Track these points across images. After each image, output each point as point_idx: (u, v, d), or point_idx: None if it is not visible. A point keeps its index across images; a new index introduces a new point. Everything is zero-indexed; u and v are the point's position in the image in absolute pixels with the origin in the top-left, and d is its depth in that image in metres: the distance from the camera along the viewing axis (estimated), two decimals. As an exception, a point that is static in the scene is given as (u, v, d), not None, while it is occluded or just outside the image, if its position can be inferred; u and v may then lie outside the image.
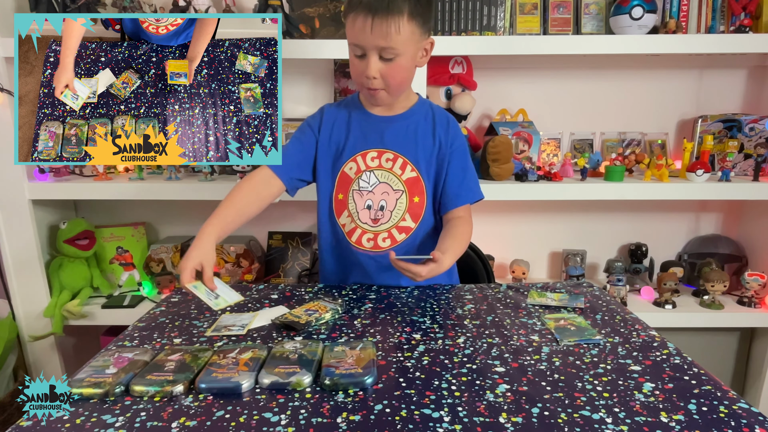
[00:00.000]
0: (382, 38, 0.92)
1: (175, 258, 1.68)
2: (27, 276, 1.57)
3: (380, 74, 0.96)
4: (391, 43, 0.92)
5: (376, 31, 0.91)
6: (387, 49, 0.93)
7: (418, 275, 0.91)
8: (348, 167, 1.07)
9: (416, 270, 0.91)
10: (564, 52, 1.48)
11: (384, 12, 0.90)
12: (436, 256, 0.91)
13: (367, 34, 0.92)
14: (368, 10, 0.90)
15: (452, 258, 0.98)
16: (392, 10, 0.90)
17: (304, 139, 1.11)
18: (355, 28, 0.93)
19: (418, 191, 1.07)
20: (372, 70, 0.95)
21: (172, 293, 1.04)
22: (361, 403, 0.61)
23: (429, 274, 0.91)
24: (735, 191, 1.52)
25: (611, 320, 0.88)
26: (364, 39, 0.93)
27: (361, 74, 0.97)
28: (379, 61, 0.95)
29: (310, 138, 1.10)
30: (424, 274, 0.91)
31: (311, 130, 1.11)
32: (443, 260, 0.92)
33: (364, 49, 0.94)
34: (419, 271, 0.91)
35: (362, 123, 1.08)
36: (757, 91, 1.75)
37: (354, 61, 0.98)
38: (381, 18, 0.90)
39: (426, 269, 0.91)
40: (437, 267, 0.92)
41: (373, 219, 1.06)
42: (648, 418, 0.58)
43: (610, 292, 1.61)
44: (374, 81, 0.96)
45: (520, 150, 1.69)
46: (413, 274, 0.91)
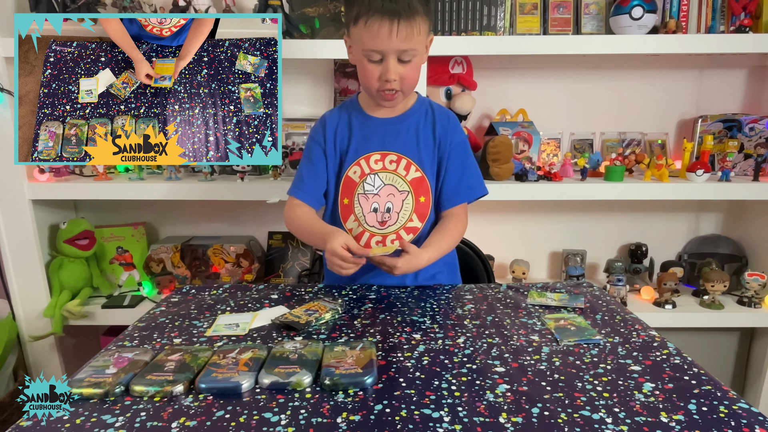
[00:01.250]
0: (405, 41, 0.91)
1: (175, 258, 1.68)
2: (27, 276, 1.57)
3: (399, 76, 0.95)
4: (412, 45, 0.92)
5: (401, 36, 0.90)
6: (408, 51, 0.93)
7: (394, 268, 0.93)
8: (352, 171, 1.07)
9: (392, 263, 0.93)
10: (564, 52, 1.48)
11: (407, 15, 0.89)
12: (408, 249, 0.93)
13: (392, 39, 0.90)
14: (391, 15, 0.89)
15: (434, 253, 1.00)
16: (414, 13, 0.90)
17: (312, 156, 1.09)
18: (375, 34, 0.91)
19: (423, 191, 1.07)
20: (393, 73, 0.94)
21: (172, 293, 1.04)
22: (361, 403, 0.61)
23: (405, 265, 0.94)
24: (735, 191, 1.52)
25: (611, 320, 0.88)
26: (385, 44, 0.91)
27: (377, 78, 0.96)
28: (398, 64, 0.95)
29: (318, 152, 1.09)
30: (399, 265, 0.93)
31: (316, 143, 1.09)
32: (420, 254, 0.95)
33: (383, 53, 0.93)
34: (395, 263, 0.93)
35: (363, 126, 1.08)
36: (757, 91, 1.75)
37: (368, 66, 0.96)
38: (405, 21, 0.89)
39: (401, 261, 0.93)
40: (412, 259, 0.94)
41: (380, 222, 1.06)
42: (648, 418, 0.58)
43: (610, 292, 1.61)
44: (394, 83, 0.96)
45: (520, 150, 1.69)
46: (389, 267, 0.94)
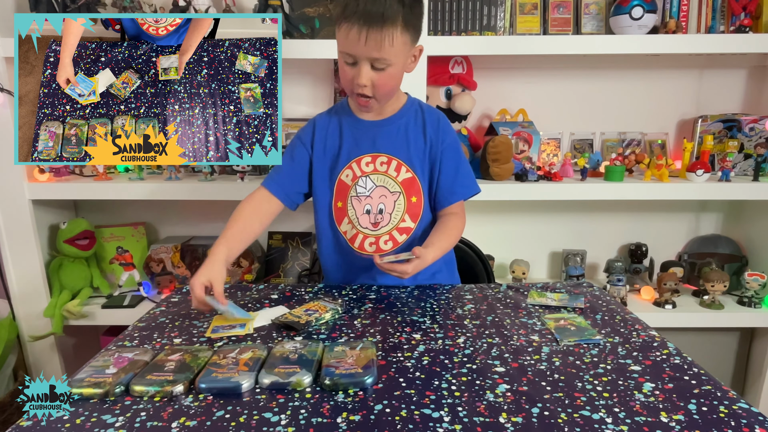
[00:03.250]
0: (375, 50, 0.92)
1: (175, 258, 1.68)
2: (27, 276, 1.57)
3: (371, 82, 0.96)
4: (384, 54, 0.93)
5: (370, 43, 0.91)
6: (379, 59, 0.93)
7: (404, 273, 0.94)
8: (344, 175, 1.07)
9: (401, 269, 0.94)
10: (564, 52, 1.48)
11: (379, 25, 0.90)
12: (417, 252, 0.94)
13: (361, 45, 0.91)
14: (363, 22, 0.90)
15: (437, 252, 1.00)
16: (387, 22, 0.90)
17: (295, 153, 1.11)
18: (349, 38, 0.92)
19: (415, 191, 1.07)
20: (363, 78, 0.95)
21: (172, 293, 1.04)
22: (361, 403, 0.61)
23: (414, 270, 0.95)
24: (735, 191, 1.53)
25: (611, 320, 0.88)
26: (356, 49, 0.93)
27: (351, 81, 0.98)
28: (370, 71, 0.95)
29: (301, 152, 1.10)
30: (409, 271, 0.94)
31: (302, 144, 1.11)
32: (426, 254, 0.96)
33: (355, 57, 0.94)
34: (405, 269, 0.94)
35: (354, 129, 1.09)
36: (757, 91, 1.75)
37: (344, 68, 0.98)
38: (375, 30, 0.90)
39: (411, 266, 0.94)
40: (420, 262, 0.95)
41: (373, 223, 1.06)
42: (648, 418, 0.58)
43: (610, 292, 1.61)
44: (364, 89, 0.97)
45: (520, 150, 1.69)
46: (399, 273, 0.95)
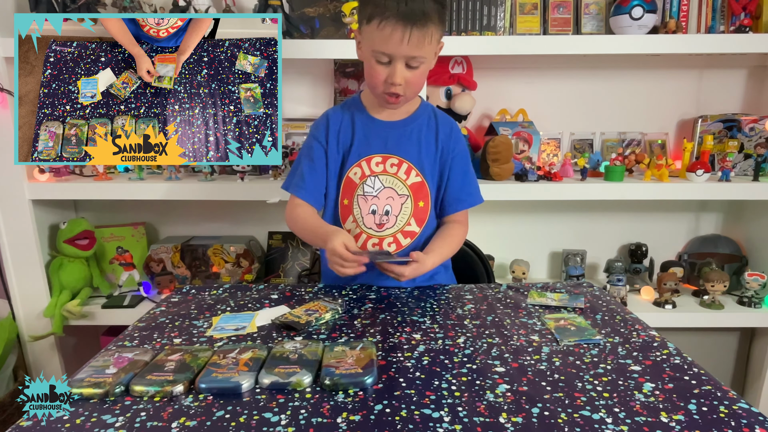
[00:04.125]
0: (417, 49, 0.92)
1: (175, 258, 1.68)
2: (27, 276, 1.57)
3: (404, 81, 0.96)
4: (422, 53, 0.93)
5: (413, 41, 0.90)
6: (416, 58, 0.93)
7: (401, 275, 0.95)
8: (353, 172, 1.07)
9: (399, 270, 0.95)
10: (564, 52, 1.48)
11: (422, 24, 0.89)
12: (415, 257, 0.96)
13: (403, 44, 0.91)
14: (405, 21, 0.89)
15: (437, 258, 1.02)
16: (428, 21, 0.90)
17: (314, 156, 1.08)
18: (387, 37, 0.91)
19: (422, 196, 1.07)
20: (398, 77, 0.94)
21: (172, 293, 1.04)
22: (361, 403, 0.61)
23: (412, 274, 0.96)
24: (735, 191, 1.52)
25: (611, 320, 0.88)
26: (396, 49, 0.92)
27: (383, 81, 0.96)
28: (405, 69, 0.95)
29: (320, 153, 1.08)
30: (407, 274, 0.96)
31: (318, 143, 1.08)
32: (425, 260, 0.97)
33: (392, 57, 0.93)
34: (402, 272, 0.95)
35: (366, 128, 1.08)
36: (757, 91, 1.75)
37: (375, 67, 0.96)
38: (419, 30, 0.90)
39: (409, 269, 0.95)
40: (419, 267, 0.97)
41: (378, 224, 1.06)
42: (648, 418, 0.58)
43: (610, 292, 1.61)
44: (398, 87, 0.96)
45: (520, 150, 1.69)
46: (396, 274, 0.96)
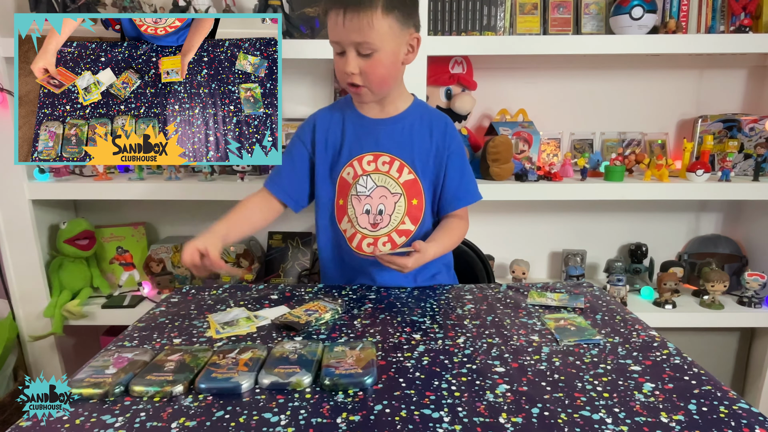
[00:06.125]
0: (355, 33, 0.91)
1: (175, 258, 1.68)
2: (27, 276, 1.57)
3: (360, 70, 0.95)
4: (366, 38, 0.91)
5: (348, 26, 0.90)
6: (363, 44, 0.92)
7: (404, 267, 0.94)
8: (346, 172, 1.07)
9: (402, 262, 0.94)
10: (564, 52, 1.48)
11: (355, 6, 0.89)
12: (417, 246, 0.94)
13: (340, 28, 0.91)
14: (340, 5, 0.90)
15: (438, 248, 1.00)
16: (364, 3, 0.89)
17: (294, 153, 1.10)
18: (333, 25, 0.92)
19: (416, 194, 1.06)
20: (350, 65, 0.94)
21: (172, 293, 1.04)
22: (361, 403, 0.61)
23: (414, 264, 0.95)
24: (735, 191, 1.52)
25: (611, 320, 0.88)
26: (338, 34, 0.92)
27: (342, 71, 0.97)
28: (357, 57, 0.94)
29: (301, 151, 1.10)
30: (410, 265, 0.94)
31: (301, 143, 1.10)
32: (427, 249, 0.96)
33: (341, 45, 0.94)
34: (405, 263, 0.94)
35: (356, 126, 1.07)
36: (757, 91, 1.75)
37: (336, 59, 0.97)
38: (352, 12, 0.89)
39: (411, 260, 0.94)
40: (421, 256, 0.95)
41: (372, 224, 1.05)
42: (648, 418, 0.58)
43: (610, 292, 1.61)
44: (354, 77, 0.96)
45: (520, 150, 1.69)
46: (399, 266, 0.94)
